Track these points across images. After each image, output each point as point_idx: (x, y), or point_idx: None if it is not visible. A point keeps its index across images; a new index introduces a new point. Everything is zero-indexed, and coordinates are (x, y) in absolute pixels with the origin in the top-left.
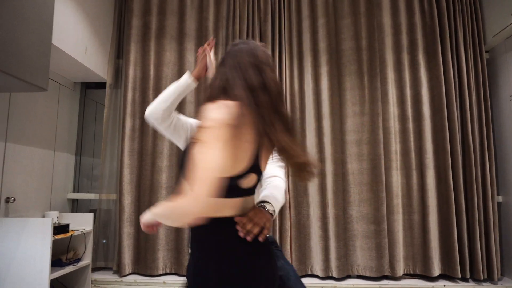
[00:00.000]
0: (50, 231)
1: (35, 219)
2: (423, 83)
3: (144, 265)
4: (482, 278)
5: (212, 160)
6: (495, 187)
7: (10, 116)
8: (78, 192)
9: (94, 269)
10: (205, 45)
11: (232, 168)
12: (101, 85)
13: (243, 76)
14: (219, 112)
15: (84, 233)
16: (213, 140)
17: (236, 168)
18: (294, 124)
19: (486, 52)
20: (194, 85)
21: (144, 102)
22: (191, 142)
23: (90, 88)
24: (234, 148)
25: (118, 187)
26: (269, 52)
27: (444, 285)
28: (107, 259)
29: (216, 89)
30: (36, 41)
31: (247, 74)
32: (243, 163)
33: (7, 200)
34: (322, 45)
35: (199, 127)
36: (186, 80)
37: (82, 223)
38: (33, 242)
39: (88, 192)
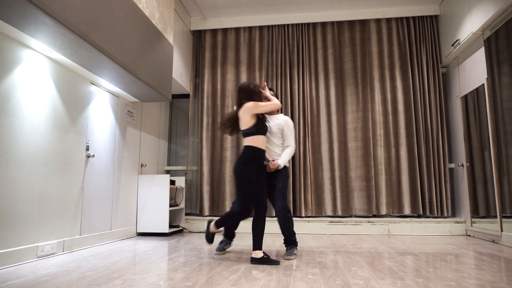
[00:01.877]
0: (168, 182)
1: (160, 175)
2: (398, 90)
3: (217, 209)
4: (436, 215)
5: None
6: (446, 157)
7: (142, 116)
8: (170, 166)
9: (185, 214)
10: (263, 85)
11: None
12: (182, 96)
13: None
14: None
15: (182, 188)
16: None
17: None
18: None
19: (443, 67)
20: None
21: (214, 107)
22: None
23: (174, 98)
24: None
25: (199, 161)
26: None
27: (411, 219)
28: (191, 207)
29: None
30: (166, 72)
31: None
32: None
33: (142, 165)
34: (331, 66)
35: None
36: None
37: (179, 182)
38: (159, 189)
39: (176, 166)
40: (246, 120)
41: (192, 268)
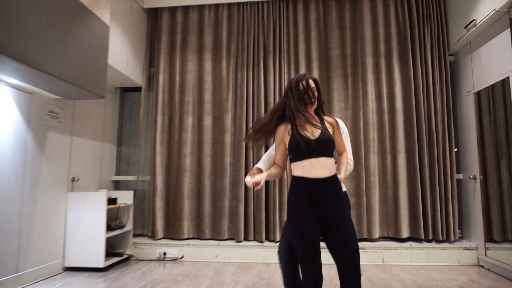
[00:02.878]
0: (105, 202)
1: (95, 193)
2: (396, 83)
3: (172, 231)
4: (441, 239)
5: None
6: (454, 167)
7: (74, 117)
8: (119, 175)
9: (134, 235)
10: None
11: None
12: (136, 89)
13: None
14: None
15: (127, 206)
16: None
17: None
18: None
19: (451, 55)
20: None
21: (171, 103)
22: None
23: (127, 91)
24: None
25: (152, 170)
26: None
27: (410, 245)
28: (143, 227)
29: None
30: (98, 63)
31: None
32: None
33: (73, 179)
34: (314, 53)
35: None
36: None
37: (125, 198)
38: (93, 210)
39: (127, 175)
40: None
41: None
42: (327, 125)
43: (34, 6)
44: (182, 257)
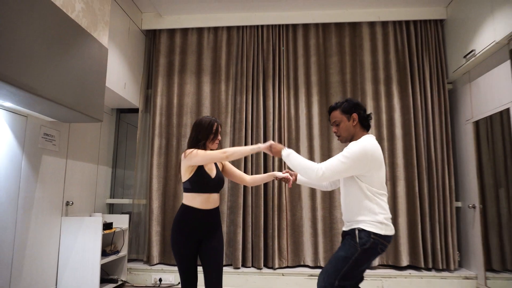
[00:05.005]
0: (101, 227)
1: (89, 218)
2: (396, 110)
3: (169, 256)
4: (441, 268)
5: None
6: (453, 195)
7: (69, 139)
8: (114, 198)
9: (129, 260)
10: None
11: None
12: (133, 110)
13: None
14: None
15: (123, 230)
16: None
17: None
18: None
19: (449, 83)
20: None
21: (169, 125)
22: None
23: (123, 113)
24: None
25: (148, 194)
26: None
27: (410, 273)
28: (139, 251)
29: None
30: (95, 85)
31: None
32: None
33: (67, 203)
34: (314, 78)
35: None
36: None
37: (119, 222)
38: (88, 236)
39: (121, 198)
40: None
41: None
42: None
43: (29, 28)
44: (178, 283)
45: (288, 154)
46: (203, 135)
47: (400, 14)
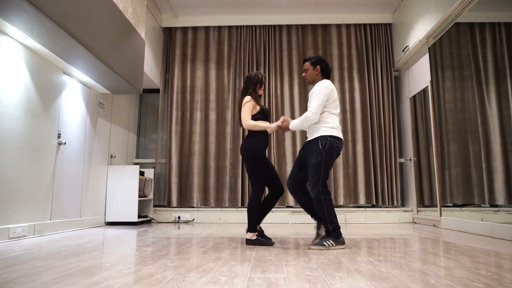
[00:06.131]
0: (137, 173)
1: (129, 166)
2: (356, 90)
3: (184, 201)
4: (387, 205)
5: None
6: (397, 152)
7: (112, 109)
8: (139, 158)
9: (154, 205)
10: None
11: None
12: (152, 91)
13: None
14: None
15: (151, 179)
16: None
17: None
18: None
19: (396, 71)
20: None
21: (183, 102)
22: None
23: (145, 93)
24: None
25: (168, 154)
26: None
27: (365, 209)
28: (160, 199)
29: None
30: (138, 66)
31: None
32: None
33: (111, 156)
34: (295, 67)
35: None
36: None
37: (148, 174)
38: (128, 179)
39: (144, 159)
40: None
41: (162, 244)
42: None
43: (106, 18)
44: (193, 220)
45: (293, 125)
46: (252, 84)
47: (359, 19)
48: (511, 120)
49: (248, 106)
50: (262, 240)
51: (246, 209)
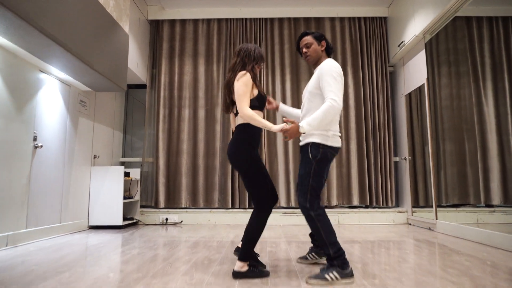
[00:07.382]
0: (122, 174)
1: (114, 167)
2: (350, 86)
3: (172, 202)
4: (382, 206)
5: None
6: (392, 151)
7: (95, 107)
8: (125, 157)
9: (141, 206)
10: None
11: None
12: (138, 86)
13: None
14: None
15: (137, 180)
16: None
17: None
18: None
19: (391, 66)
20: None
21: (171, 98)
22: None
23: (131, 88)
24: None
25: (155, 153)
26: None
27: (359, 209)
28: (147, 199)
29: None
30: (121, 62)
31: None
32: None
33: (95, 156)
34: (287, 61)
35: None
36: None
37: (134, 174)
38: (112, 181)
39: (131, 157)
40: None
41: (143, 260)
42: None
43: (84, 12)
44: (181, 221)
45: (308, 125)
46: (251, 59)
47: (354, 12)
48: (508, 118)
49: (246, 84)
50: (255, 272)
51: (236, 210)
